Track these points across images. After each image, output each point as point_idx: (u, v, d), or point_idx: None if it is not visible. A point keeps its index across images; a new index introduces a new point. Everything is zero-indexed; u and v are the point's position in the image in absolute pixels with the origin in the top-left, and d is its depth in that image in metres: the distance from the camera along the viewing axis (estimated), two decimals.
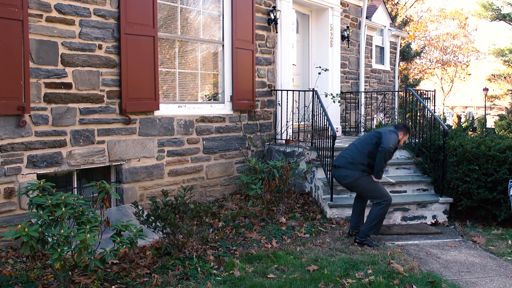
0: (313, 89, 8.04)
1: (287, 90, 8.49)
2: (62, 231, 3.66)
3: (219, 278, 4.55)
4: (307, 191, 7.68)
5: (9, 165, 5.15)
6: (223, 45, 7.77)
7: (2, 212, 5.12)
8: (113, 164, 6.17)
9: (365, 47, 12.73)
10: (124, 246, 4.03)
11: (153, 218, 5.04)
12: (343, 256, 5.27)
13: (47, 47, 5.43)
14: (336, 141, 7.03)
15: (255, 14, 8.14)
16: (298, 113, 8.68)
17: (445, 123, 9.89)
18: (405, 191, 7.40)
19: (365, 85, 12.55)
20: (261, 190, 6.39)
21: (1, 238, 5.07)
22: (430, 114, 7.85)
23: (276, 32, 8.65)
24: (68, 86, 5.64)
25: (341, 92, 10.71)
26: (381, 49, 15.13)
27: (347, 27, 11.12)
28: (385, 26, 14.92)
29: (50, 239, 3.72)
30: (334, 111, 10.11)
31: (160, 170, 6.69)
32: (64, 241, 3.65)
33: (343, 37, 11.02)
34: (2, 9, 4.96)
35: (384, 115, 12.69)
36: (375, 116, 13.30)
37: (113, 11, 6.07)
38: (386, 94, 13.82)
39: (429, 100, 11.16)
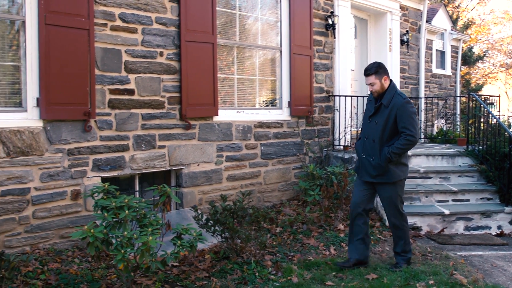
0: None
1: (345, 96, 8.40)
2: (126, 233, 3.75)
3: (277, 284, 4.54)
4: None
5: (76, 168, 5.36)
6: (280, 51, 7.78)
7: (69, 213, 5.33)
8: (173, 168, 6.30)
9: (425, 51, 12.41)
10: (184, 249, 4.08)
11: (212, 222, 5.10)
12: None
13: (111, 55, 5.62)
14: None
15: (313, 19, 8.11)
16: (357, 119, 8.54)
17: (511, 130, 9.48)
18: (468, 200, 7.14)
19: (425, 90, 12.23)
20: (319, 197, 6.35)
21: (68, 238, 5.28)
22: (495, 120, 7.56)
23: (334, 37, 8.59)
24: (131, 92, 5.81)
25: None
26: (442, 53, 14.71)
27: (407, 31, 10.89)
28: (445, 30, 14.50)
29: (114, 241, 3.82)
30: None
31: (218, 175, 6.77)
32: (127, 242, 3.74)
33: (402, 42, 10.79)
34: (70, 19, 5.19)
35: (446, 121, 12.32)
36: (436, 122, 12.92)
37: (174, 19, 6.21)
38: (447, 99, 13.43)
39: (493, 106, 10.76)
